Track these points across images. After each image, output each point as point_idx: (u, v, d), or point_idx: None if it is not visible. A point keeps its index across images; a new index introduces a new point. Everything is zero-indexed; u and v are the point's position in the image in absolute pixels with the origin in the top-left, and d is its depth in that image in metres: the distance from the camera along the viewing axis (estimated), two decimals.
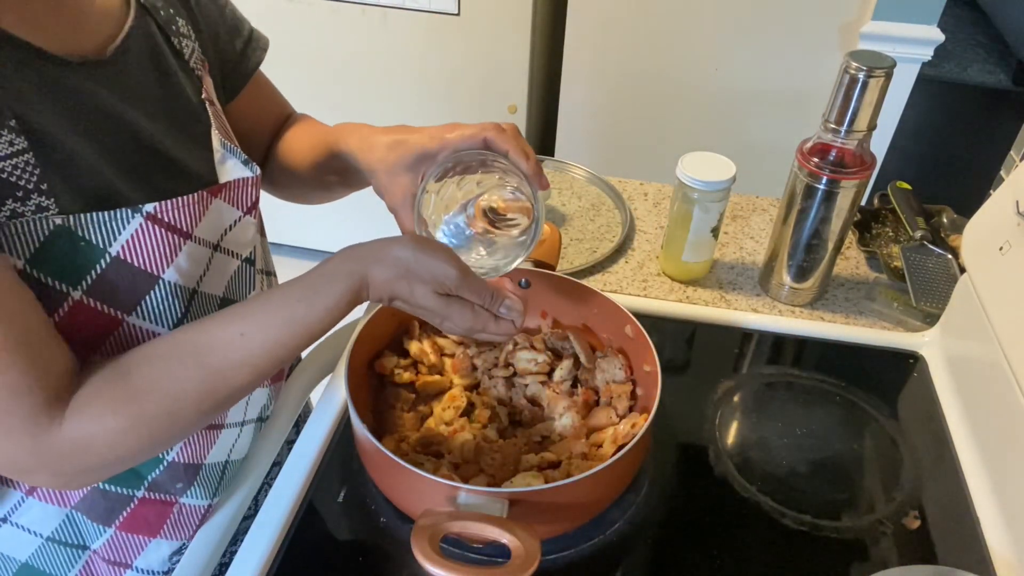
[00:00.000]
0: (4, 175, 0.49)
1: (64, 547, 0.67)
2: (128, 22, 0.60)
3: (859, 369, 0.87)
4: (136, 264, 0.57)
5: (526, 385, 0.77)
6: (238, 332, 0.56)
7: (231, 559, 0.66)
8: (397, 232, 0.67)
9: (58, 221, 0.52)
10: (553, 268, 0.84)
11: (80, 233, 0.54)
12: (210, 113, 0.67)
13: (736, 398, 0.84)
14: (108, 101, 0.57)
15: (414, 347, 0.78)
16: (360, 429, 0.65)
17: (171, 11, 0.65)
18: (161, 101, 0.62)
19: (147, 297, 0.59)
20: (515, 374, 0.78)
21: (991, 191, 1.13)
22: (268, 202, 0.82)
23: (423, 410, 0.75)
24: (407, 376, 0.77)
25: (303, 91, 0.92)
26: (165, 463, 0.67)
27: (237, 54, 0.75)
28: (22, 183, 0.50)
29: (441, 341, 0.81)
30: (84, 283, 0.55)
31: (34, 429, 0.51)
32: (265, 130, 0.83)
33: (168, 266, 0.59)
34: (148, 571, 0.72)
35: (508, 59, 1.85)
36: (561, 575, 0.66)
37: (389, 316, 0.78)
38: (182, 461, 0.68)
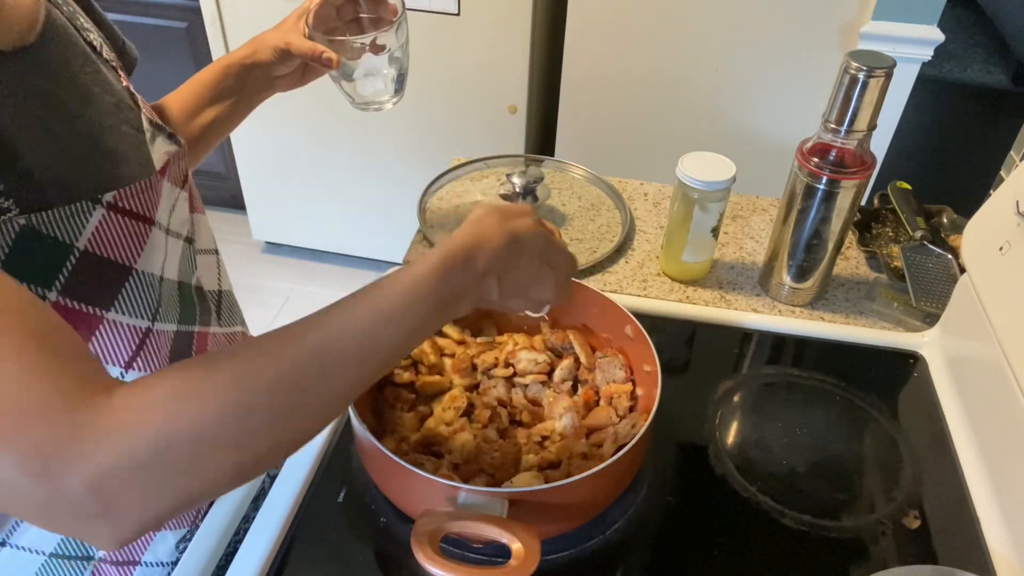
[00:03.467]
0: None
1: (68, 560, 0.67)
2: (41, 11, 0.59)
3: (859, 369, 0.87)
4: (106, 255, 0.57)
5: (526, 385, 0.77)
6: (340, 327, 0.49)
7: (235, 548, 0.66)
8: (394, 236, 0.67)
9: (22, 221, 0.51)
10: None
11: (45, 231, 0.53)
12: (137, 98, 0.67)
13: (736, 398, 0.84)
14: (45, 88, 0.57)
15: None
16: (360, 429, 0.65)
17: (71, 8, 0.65)
18: (89, 88, 0.62)
19: (122, 289, 0.59)
20: (515, 374, 0.78)
21: (991, 191, 1.13)
22: (267, 203, 0.82)
23: (423, 410, 0.75)
24: (407, 376, 0.77)
25: (302, 91, 0.92)
26: None
27: (118, 52, 0.75)
28: None
29: (441, 341, 0.81)
30: (58, 283, 0.55)
31: (69, 403, 0.41)
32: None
33: (139, 255, 0.59)
34: (157, 563, 0.72)
35: (508, 59, 1.85)
36: (561, 575, 0.66)
37: None
38: None
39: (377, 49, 0.82)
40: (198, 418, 0.43)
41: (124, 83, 0.67)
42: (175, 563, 0.72)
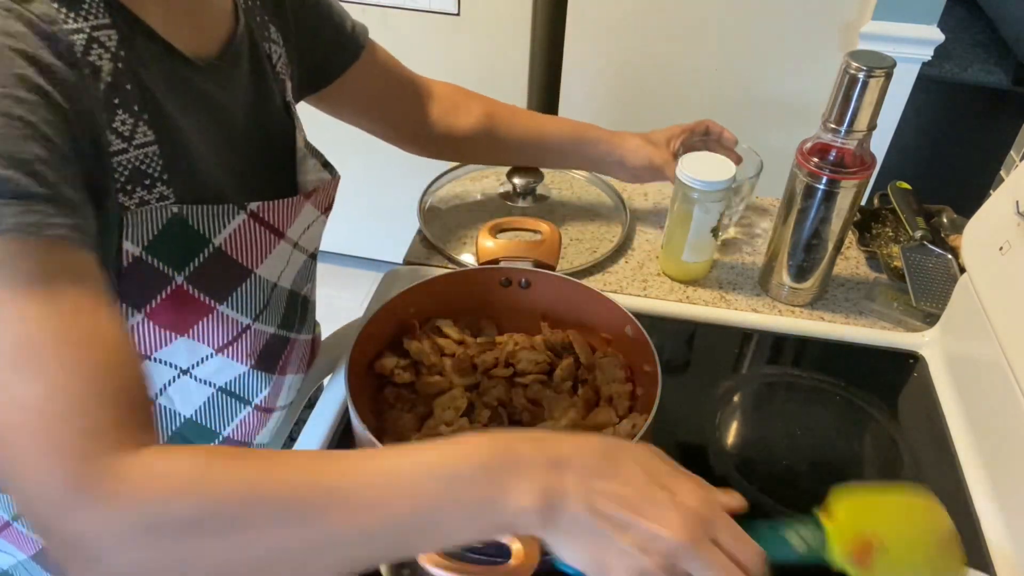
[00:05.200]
0: (137, 163, 0.53)
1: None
2: (239, 27, 0.64)
3: (859, 369, 0.87)
4: (234, 256, 0.62)
5: (526, 385, 0.77)
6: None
7: None
8: (394, 236, 0.70)
9: (175, 210, 0.56)
10: (553, 268, 0.84)
11: (191, 223, 0.57)
12: (295, 118, 0.72)
13: (736, 398, 0.84)
14: (219, 101, 0.61)
15: (414, 347, 0.78)
16: (360, 429, 0.65)
17: (265, 18, 0.69)
18: (255, 102, 0.66)
19: (238, 288, 0.63)
20: (515, 374, 0.78)
21: (991, 191, 1.13)
22: None
23: (423, 410, 0.75)
24: (407, 376, 0.77)
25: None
26: (219, 439, 0.72)
27: (338, 49, 0.82)
28: (150, 171, 0.54)
29: (441, 341, 0.81)
30: (187, 270, 0.59)
31: (95, 445, 0.42)
32: (399, 85, 0.94)
33: (262, 262, 0.64)
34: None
35: (508, 59, 1.84)
36: (561, 575, 0.66)
37: (389, 316, 0.78)
38: (236, 439, 0.72)
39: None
40: (196, 505, 0.42)
41: (288, 98, 0.72)
42: None
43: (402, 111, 0.95)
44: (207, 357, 0.65)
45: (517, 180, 1.10)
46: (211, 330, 0.63)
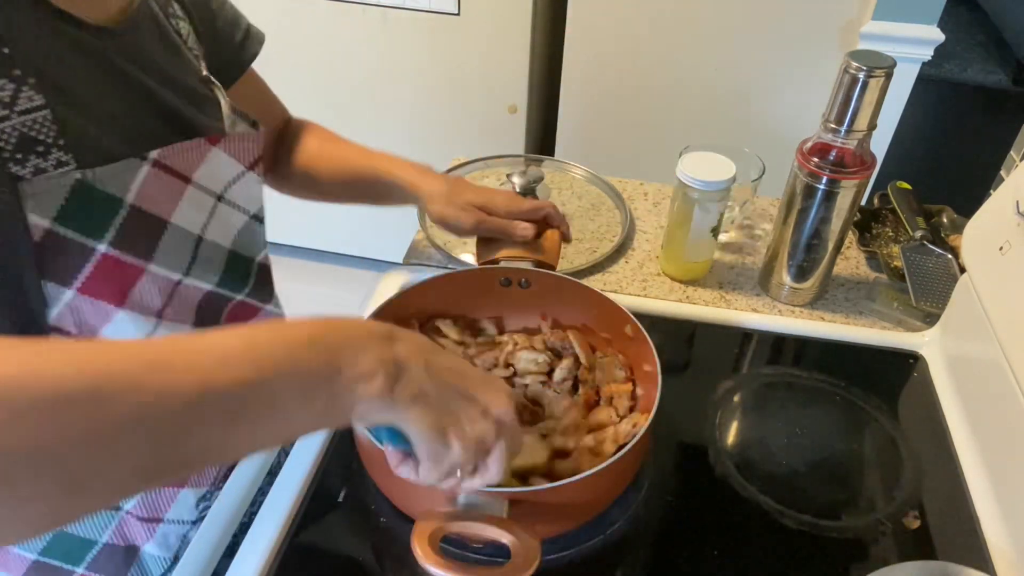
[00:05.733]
0: (24, 129, 0.52)
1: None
2: (135, 1, 0.63)
3: (859, 369, 0.87)
4: (148, 209, 0.61)
5: (526, 385, 0.77)
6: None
7: (252, 518, 0.68)
8: (394, 236, 0.69)
9: (78, 176, 0.55)
10: (553, 268, 0.84)
11: (99, 186, 0.56)
12: (216, 88, 0.70)
13: (736, 398, 0.84)
14: (126, 67, 0.60)
15: None
16: (360, 429, 0.65)
17: None
18: (171, 74, 0.65)
19: (160, 242, 0.62)
20: (515, 374, 0.78)
21: (991, 191, 1.13)
22: (268, 203, 0.82)
23: None
24: None
25: (303, 91, 0.92)
26: None
27: (235, 46, 0.79)
28: (41, 138, 0.53)
29: (441, 341, 0.81)
30: (107, 234, 0.58)
31: None
32: (269, 104, 0.89)
33: (174, 209, 0.63)
34: (179, 521, 0.73)
35: (508, 59, 1.85)
36: (561, 575, 0.66)
37: (389, 316, 0.78)
38: None
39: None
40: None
41: (204, 72, 0.70)
42: (194, 522, 0.74)
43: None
44: (153, 329, 0.64)
45: (517, 180, 1.10)
46: (146, 294, 0.62)
